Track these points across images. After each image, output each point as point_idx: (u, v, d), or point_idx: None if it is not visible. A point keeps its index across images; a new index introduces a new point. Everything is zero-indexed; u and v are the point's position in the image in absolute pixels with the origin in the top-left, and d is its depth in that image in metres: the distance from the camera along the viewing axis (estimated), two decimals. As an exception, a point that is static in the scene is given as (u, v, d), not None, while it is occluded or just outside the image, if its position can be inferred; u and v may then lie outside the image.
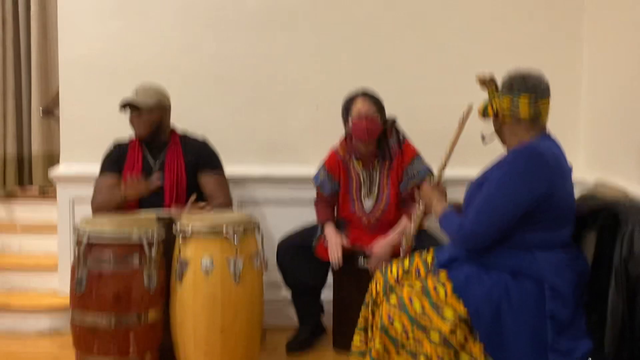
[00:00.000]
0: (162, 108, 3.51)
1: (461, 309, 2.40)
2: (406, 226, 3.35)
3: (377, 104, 3.45)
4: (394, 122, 3.53)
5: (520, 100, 2.50)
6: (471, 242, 2.47)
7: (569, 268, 2.45)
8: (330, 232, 3.52)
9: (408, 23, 3.97)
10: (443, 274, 2.53)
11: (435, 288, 2.47)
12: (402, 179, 3.49)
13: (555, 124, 2.73)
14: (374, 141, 3.47)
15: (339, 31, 3.99)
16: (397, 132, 3.53)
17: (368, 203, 3.54)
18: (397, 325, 2.44)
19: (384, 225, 3.51)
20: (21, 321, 3.91)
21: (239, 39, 4.02)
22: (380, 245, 3.42)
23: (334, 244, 3.45)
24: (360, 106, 3.42)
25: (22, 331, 3.89)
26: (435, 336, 2.37)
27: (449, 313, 2.40)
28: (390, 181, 3.50)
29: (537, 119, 2.54)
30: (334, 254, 3.41)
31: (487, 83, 2.59)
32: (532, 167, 2.40)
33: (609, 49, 3.57)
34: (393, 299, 2.50)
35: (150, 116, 3.46)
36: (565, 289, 2.40)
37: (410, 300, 2.45)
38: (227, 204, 3.53)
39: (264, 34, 4.00)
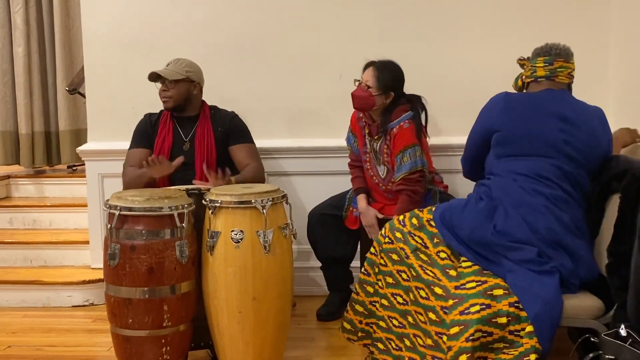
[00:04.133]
0: (190, 82, 3.52)
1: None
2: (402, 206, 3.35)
3: (381, 78, 3.38)
4: (403, 99, 3.45)
5: (537, 62, 2.80)
6: (463, 170, 3.07)
7: (521, 190, 2.66)
8: (362, 207, 3.54)
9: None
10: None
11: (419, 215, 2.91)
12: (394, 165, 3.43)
13: (584, 82, 2.76)
14: (368, 112, 3.45)
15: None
16: (412, 114, 3.39)
17: (382, 169, 3.54)
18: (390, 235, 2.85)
19: None
20: (55, 295, 3.98)
21: (261, 10, 3.99)
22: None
23: (371, 225, 3.49)
24: (363, 74, 3.44)
25: (57, 305, 3.97)
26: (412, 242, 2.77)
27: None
28: (390, 158, 3.46)
29: (553, 79, 2.77)
30: (374, 235, 3.44)
31: (525, 62, 2.93)
32: (488, 105, 2.84)
33: (638, 5, 3.50)
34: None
35: (177, 89, 3.48)
36: (507, 205, 2.64)
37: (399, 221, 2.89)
38: (260, 169, 3.56)
39: (286, 4, 3.97)
